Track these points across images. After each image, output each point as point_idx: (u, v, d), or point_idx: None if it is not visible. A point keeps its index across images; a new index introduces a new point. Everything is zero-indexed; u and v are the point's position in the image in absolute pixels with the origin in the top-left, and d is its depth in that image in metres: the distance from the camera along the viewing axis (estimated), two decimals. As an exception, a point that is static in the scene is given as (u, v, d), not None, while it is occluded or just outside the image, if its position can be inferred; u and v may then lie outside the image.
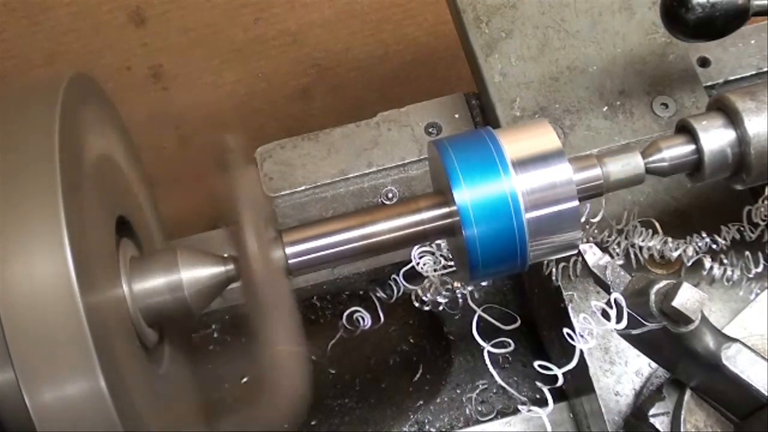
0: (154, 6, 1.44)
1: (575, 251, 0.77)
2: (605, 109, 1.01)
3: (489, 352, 0.78)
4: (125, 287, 0.73)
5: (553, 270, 0.92)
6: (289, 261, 0.75)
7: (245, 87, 1.58)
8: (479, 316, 0.82)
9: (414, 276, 0.88)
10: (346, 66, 1.59)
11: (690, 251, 0.89)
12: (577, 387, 0.95)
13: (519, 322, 0.89)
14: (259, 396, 0.70)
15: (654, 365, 0.88)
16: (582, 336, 0.76)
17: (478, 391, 1.03)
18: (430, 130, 1.09)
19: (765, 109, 0.78)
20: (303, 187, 1.06)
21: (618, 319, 0.73)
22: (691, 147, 0.79)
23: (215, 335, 1.08)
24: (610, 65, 1.02)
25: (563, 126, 1.00)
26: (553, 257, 0.89)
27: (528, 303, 1.05)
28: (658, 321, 0.72)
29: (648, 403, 0.82)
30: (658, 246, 0.89)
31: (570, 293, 0.92)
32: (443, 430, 1.02)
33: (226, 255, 0.76)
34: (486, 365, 0.77)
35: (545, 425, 0.77)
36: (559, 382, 0.76)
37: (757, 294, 0.90)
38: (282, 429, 0.68)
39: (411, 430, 1.03)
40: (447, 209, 0.75)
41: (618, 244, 0.90)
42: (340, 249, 0.76)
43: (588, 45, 1.03)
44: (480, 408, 1.02)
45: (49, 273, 0.61)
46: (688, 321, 0.71)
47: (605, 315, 0.74)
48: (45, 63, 1.45)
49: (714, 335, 0.74)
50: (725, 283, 0.91)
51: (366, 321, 0.88)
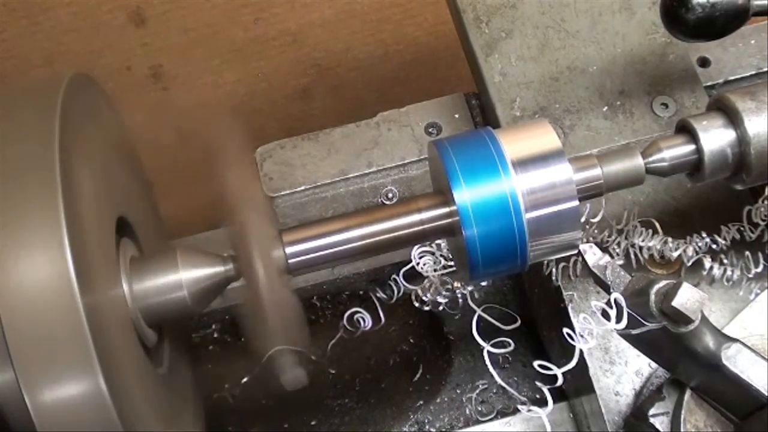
0: (154, 6, 1.44)
1: (575, 251, 0.77)
2: (605, 109, 1.01)
3: (489, 352, 0.78)
4: (125, 287, 0.74)
5: (553, 270, 0.92)
6: (289, 261, 0.75)
7: (245, 87, 1.58)
8: (479, 316, 0.82)
9: (414, 276, 0.88)
10: (346, 66, 1.59)
11: (690, 251, 0.89)
12: (577, 387, 0.95)
13: (519, 322, 0.89)
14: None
15: (654, 365, 0.88)
16: (582, 336, 0.76)
17: (478, 391, 1.03)
18: (430, 130, 1.09)
19: (765, 109, 0.78)
20: (303, 187, 1.06)
21: (618, 319, 0.73)
22: (691, 147, 0.79)
23: (215, 335, 1.08)
24: (610, 65, 1.02)
25: (563, 126, 1.00)
26: (553, 257, 0.89)
27: (528, 303, 1.05)
28: (658, 321, 0.72)
29: (648, 403, 0.82)
30: (658, 246, 0.89)
31: (570, 293, 0.92)
32: (443, 430, 1.02)
33: (226, 255, 0.76)
34: (486, 365, 0.77)
35: (545, 425, 0.77)
36: (559, 382, 0.76)
37: (757, 294, 0.90)
38: (282, 429, 0.68)
39: (411, 430, 1.03)
40: (447, 209, 0.75)
41: (618, 244, 0.90)
42: (339, 249, 0.76)
43: (588, 45, 1.03)
44: (480, 408, 1.02)
45: (49, 273, 0.61)
46: (688, 321, 0.71)
47: (605, 315, 0.74)
48: (45, 63, 1.45)
49: (714, 335, 0.74)
50: (725, 283, 0.91)
51: (366, 322, 0.88)
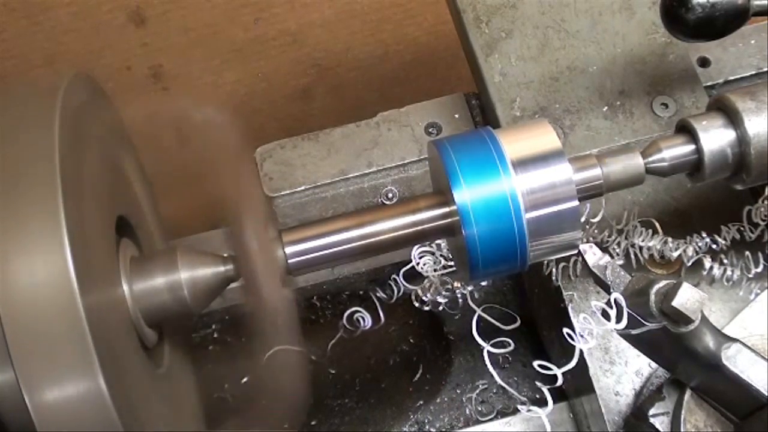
0: (154, 6, 1.44)
1: (575, 251, 0.77)
2: (605, 109, 1.01)
3: (489, 352, 0.78)
4: (125, 287, 0.73)
5: (553, 270, 0.92)
6: (289, 261, 0.75)
7: (245, 87, 1.58)
8: (479, 316, 0.82)
9: (414, 276, 0.87)
10: (346, 66, 1.59)
11: (690, 251, 0.89)
12: (577, 387, 0.95)
13: (519, 322, 0.89)
14: (260, 396, 0.70)
15: (654, 365, 0.88)
16: (582, 336, 0.76)
17: (478, 391, 1.03)
18: (430, 130, 1.09)
19: (765, 109, 0.78)
20: (303, 187, 1.06)
21: (618, 319, 0.73)
22: (691, 147, 0.79)
23: (215, 335, 1.08)
24: (610, 65, 1.02)
25: (563, 126, 1.00)
26: (553, 257, 0.89)
27: (528, 303, 1.05)
28: (658, 321, 0.72)
29: (648, 403, 0.82)
30: (658, 246, 0.89)
31: (570, 293, 0.92)
32: (443, 430, 1.02)
33: (226, 255, 0.76)
34: (486, 365, 0.77)
35: (545, 425, 0.77)
36: (559, 382, 0.76)
37: (757, 294, 0.90)
38: (282, 430, 0.68)
39: (411, 430, 1.03)
40: (447, 209, 0.75)
41: (618, 244, 0.90)
42: (339, 249, 0.75)
43: (588, 45, 1.03)
44: (480, 408, 1.02)
45: (49, 273, 0.61)
46: (688, 321, 0.71)
47: (605, 315, 0.74)
48: (45, 63, 1.45)
49: (714, 335, 0.74)
50: (725, 283, 0.91)
51: (366, 321, 0.88)
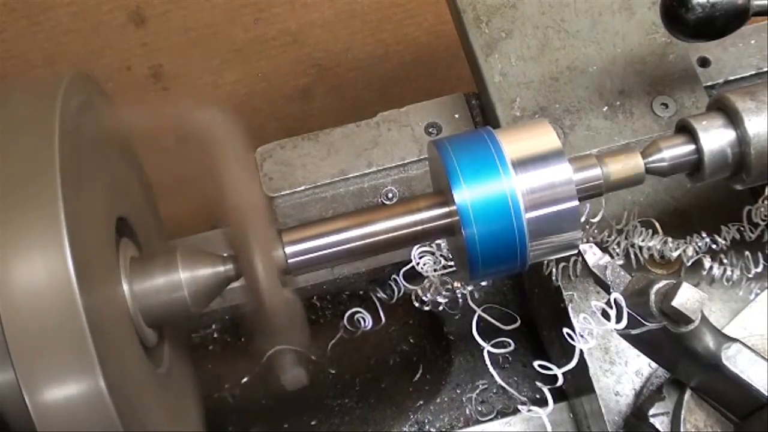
0: (154, 6, 1.44)
1: (575, 251, 0.77)
2: (605, 109, 1.01)
3: (489, 352, 0.78)
4: (125, 287, 0.73)
5: (553, 270, 0.92)
6: (289, 261, 0.75)
7: (245, 87, 1.58)
8: (479, 316, 0.82)
9: (414, 276, 0.87)
10: (346, 66, 1.59)
11: (690, 251, 0.89)
12: (577, 387, 0.95)
13: (519, 322, 0.89)
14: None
15: (654, 365, 0.88)
16: (582, 336, 0.76)
17: (478, 391, 1.03)
18: (430, 130, 1.09)
19: (765, 109, 0.78)
20: (303, 187, 1.06)
21: (618, 319, 0.73)
22: (691, 147, 0.79)
23: (215, 335, 1.08)
24: (610, 65, 1.02)
25: (563, 126, 1.00)
26: (553, 257, 0.89)
27: (528, 303, 1.05)
28: (658, 321, 0.72)
29: (648, 403, 0.82)
30: (658, 246, 0.89)
31: (570, 293, 0.92)
32: (443, 430, 1.02)
33: (226, 255, 0.76)
34: (486, 365, 0.77)
35: (545, 425, 0.77)
36: (559, 382, 0.76)
37: (757, 294, 0.90)
38: None
39: (411, 430, 1.03)
40: (447, 209, 0.75)
41: (618, 244, 0.90)
42: (339, 249, 0.75)
43: (588, 45, 1.03)
44: (480, 408, 1.02)
45: (49, 273, 0.61)
46: (688, 321, 0.71)
47: (605, 315, 0.74)
48: (45, 63, 1.45)
49: (714, 335, 0.74)
50: (725, 283, 0.91)
51: (366, 322, 0.88)
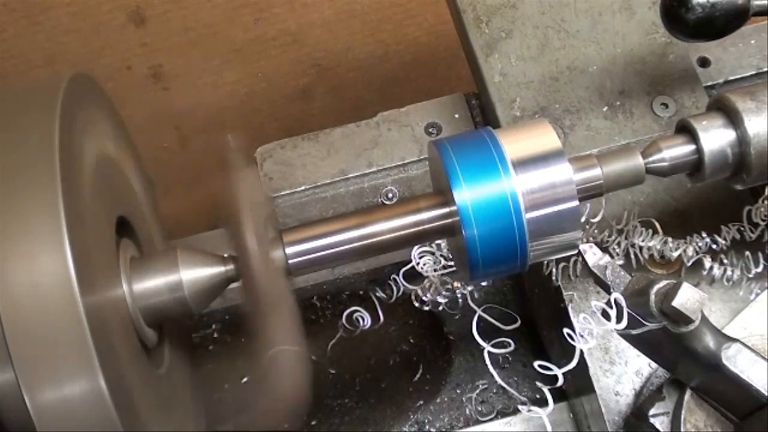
0: (154, 6, 1.44)
1: (575, 251, 0.77)
2: (605, 109, 1.01)
3: (489, 352, 0.78)
4: (125, 287, 0.73)
5: (553, 270, 0.92)
6: (289, 261, 0.75)
7: (245, 87, 1.58)
8: (479, 316, 0.82)
9: (414, 276, 0.87)
10: (346, 66, 1.59)
11: (690, 251, 0.89)
12: (577, 387, 0.95)
13: (519, 322, 0.89)
14: (260, 396, 0.69)
15: (654, 365, 0.88)
16: (582, 336, 0.76)
17: (478, 391, 1.03)
18: (430, 130, 1.09)
19: (765, 109, 0.78)
20: (303, 187, 1.06)
21: (618, 319, 0.73)
22: (691, 147, 0.79)
23: (215, 335, 1.08)
24: (610, 65, 1.02)
25: (563, 126, 1.00)
26: (553, 257, 0.89)
27: (528, 303, 1.05)
28: (658, 321, 0.72)
29: (648, 403, 0.82)
30: (658, 246, 0.89)
31: (570, 293, 0.92)
32: (443, 430, 1.02)
33: (226, 255, 0.76)
34: (486, 365, 0.77)
35: (545, 425, 0.77)
36: (559, 382, 0.76)
37: (757, 294, 0.90)
38: (282, 429, 0.68)
39: (411, 430, 1.03)
40: (447, 209, 0.75)
41: (618, 244, 0.90)
42: (340, 249, 0.75)
43: (588, 45, 1.03)
44: (480, 408, 1.02)
45: (50, 273, 0.61)
46: (688, 321, 0.71)
47: (605, 315, 0.74)
48: (45, 63, 1.45)
49: (714, 335, 0.74)
50: (725, 283, 0.91)
51: (366, 321, 0.88)
